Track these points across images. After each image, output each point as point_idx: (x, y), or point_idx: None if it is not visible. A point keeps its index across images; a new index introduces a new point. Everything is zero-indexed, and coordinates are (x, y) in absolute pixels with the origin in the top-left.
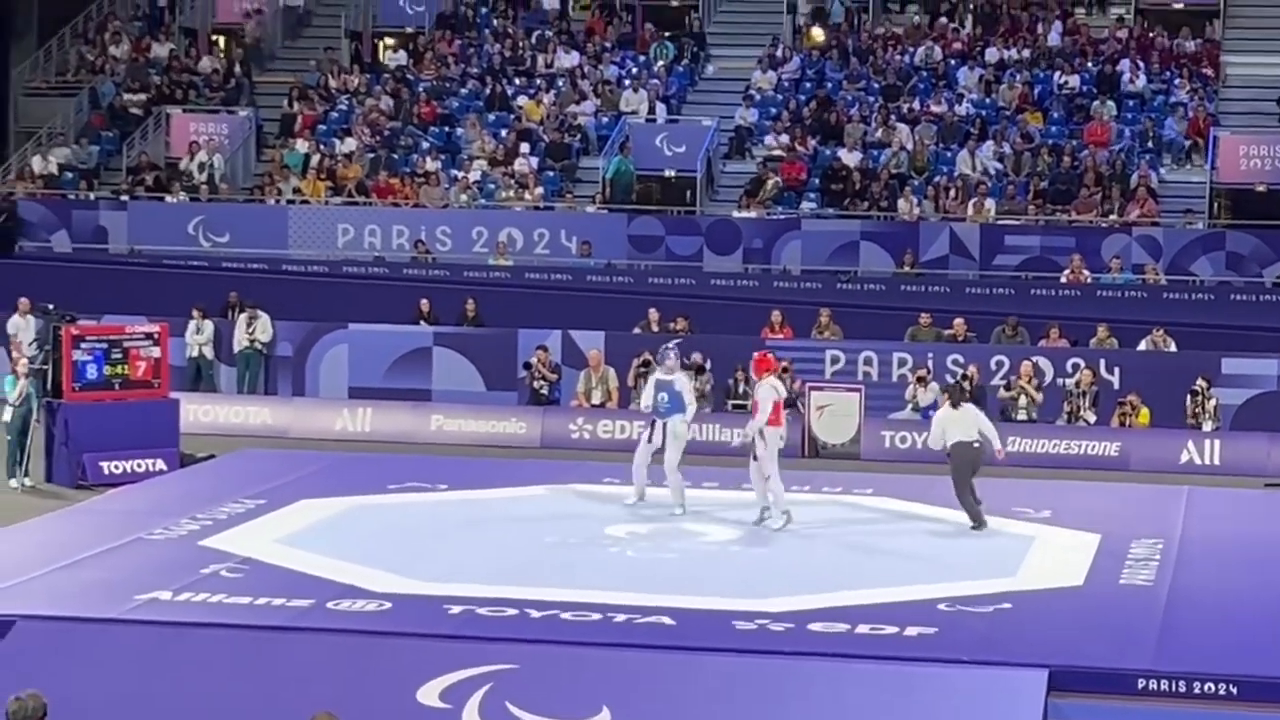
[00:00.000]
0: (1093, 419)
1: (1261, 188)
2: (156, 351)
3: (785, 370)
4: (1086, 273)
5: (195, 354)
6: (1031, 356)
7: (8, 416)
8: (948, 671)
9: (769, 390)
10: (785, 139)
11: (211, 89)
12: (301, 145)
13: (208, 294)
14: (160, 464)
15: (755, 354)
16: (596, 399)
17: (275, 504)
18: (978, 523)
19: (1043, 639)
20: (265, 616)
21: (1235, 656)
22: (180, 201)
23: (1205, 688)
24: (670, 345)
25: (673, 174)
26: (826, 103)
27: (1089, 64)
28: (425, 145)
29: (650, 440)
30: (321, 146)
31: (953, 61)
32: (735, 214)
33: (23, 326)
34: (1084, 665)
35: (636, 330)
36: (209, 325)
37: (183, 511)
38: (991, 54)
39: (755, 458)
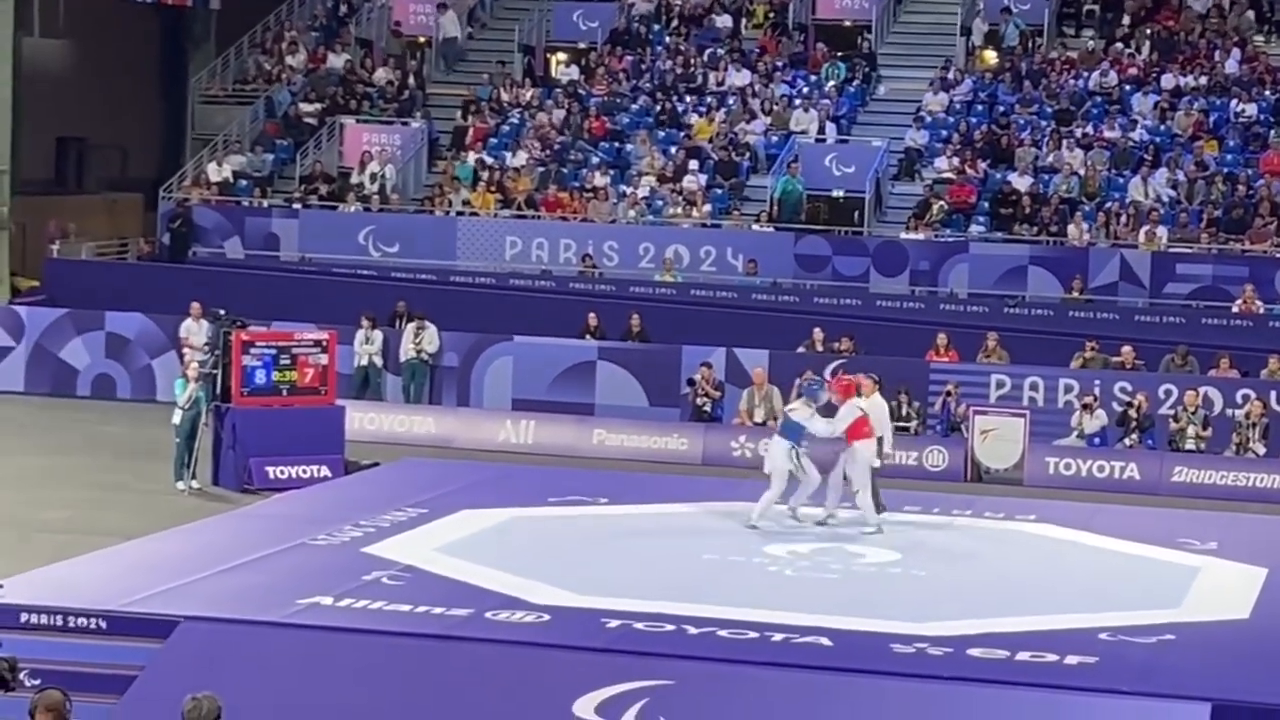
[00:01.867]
0: (1262, 451)
1: None
2: (324, 358)
3: (949, 394)
4: (1259, 303)
5: (364, 362)
6: (1200, 387)
7: (177, 419)
8: (1108, 702)
9: (851, 409)
10: (955, 161)
11: (385, 100)
12: (472, 157)
13: (376, 303)
14: (325, 470)
15: (833, 382)
16: (759, 417)
17: (437, 513)
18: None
19: (1206, 671)
20: (425, 625)
21: None
22: (352, 211)
23: None
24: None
25: (841, 194)
26: (998, 126)
27: (1266, 92)
28: (595, 160)
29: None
30: (492, 159)
31: (1128, 87)
32: (903, 235)
33: (194, 330)
34: (1248, 700)
35: (801, 349)
36: (378, 334)
37: (346, 518)
38: (1167, 80)
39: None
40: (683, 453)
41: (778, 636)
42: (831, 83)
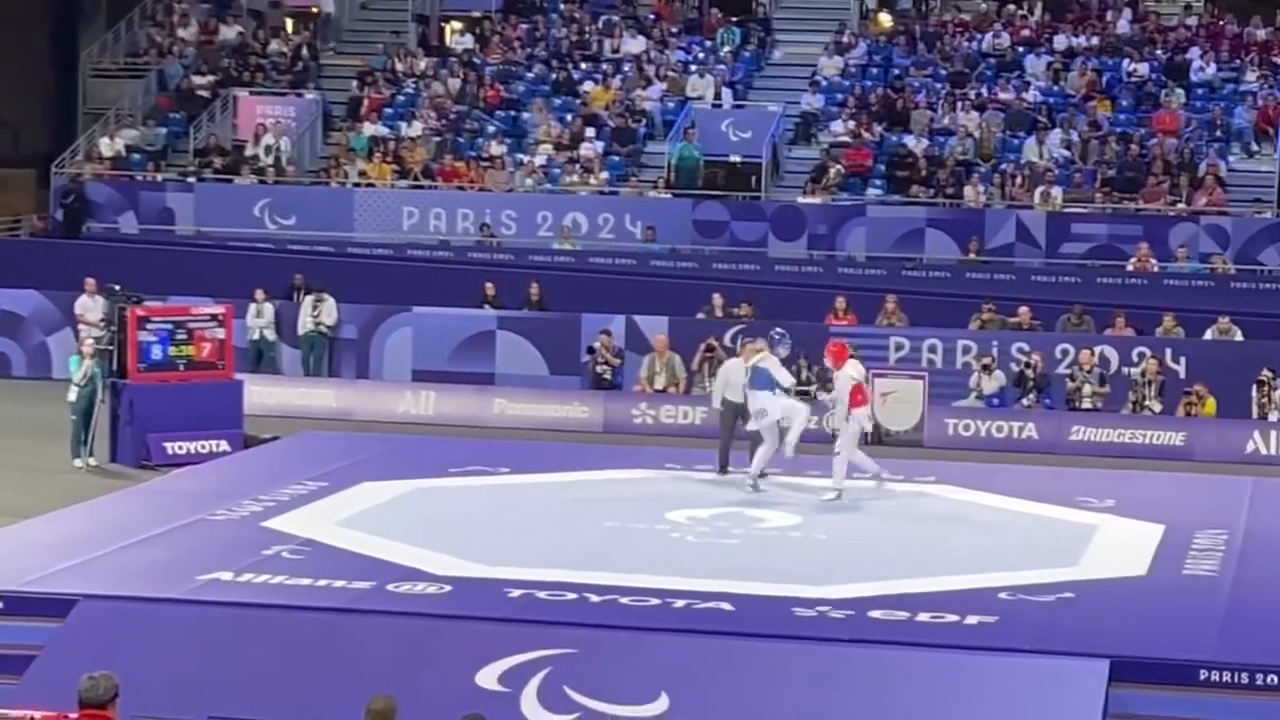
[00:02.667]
0: (1158, 408)
1: None
2: (221, 333)
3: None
4: (1153, 261)
5: (256, 336)
6: (1097, 345)
7: (73, 396)
8: (1008, 661)
9: (846, 379)
10: (851, 125)
11: (279, 72)
12: (367, 128)
13: (273, 276)
14: (224, 445)
15: (829, 344)
16: (660, 384)
17: (337, 486)
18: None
19: (1104, 629)
20: (326, 598)
21: None
22: (247, 184)
23: (1268, 679)
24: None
25: (738, 159)
26: (893, 89)
27: (1158, 52)
28: (491, 129)
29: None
30: (387, 130)
31: (1021, 49)
32: (800, 200)
33: (90, 307)
34: (1146, 656)
35: (700, 315)
36: (269, 308)
37: (245, 493)
38: (1060, 41)
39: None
40: (584, 421)
41: (680, 603)
42: (727, 48)
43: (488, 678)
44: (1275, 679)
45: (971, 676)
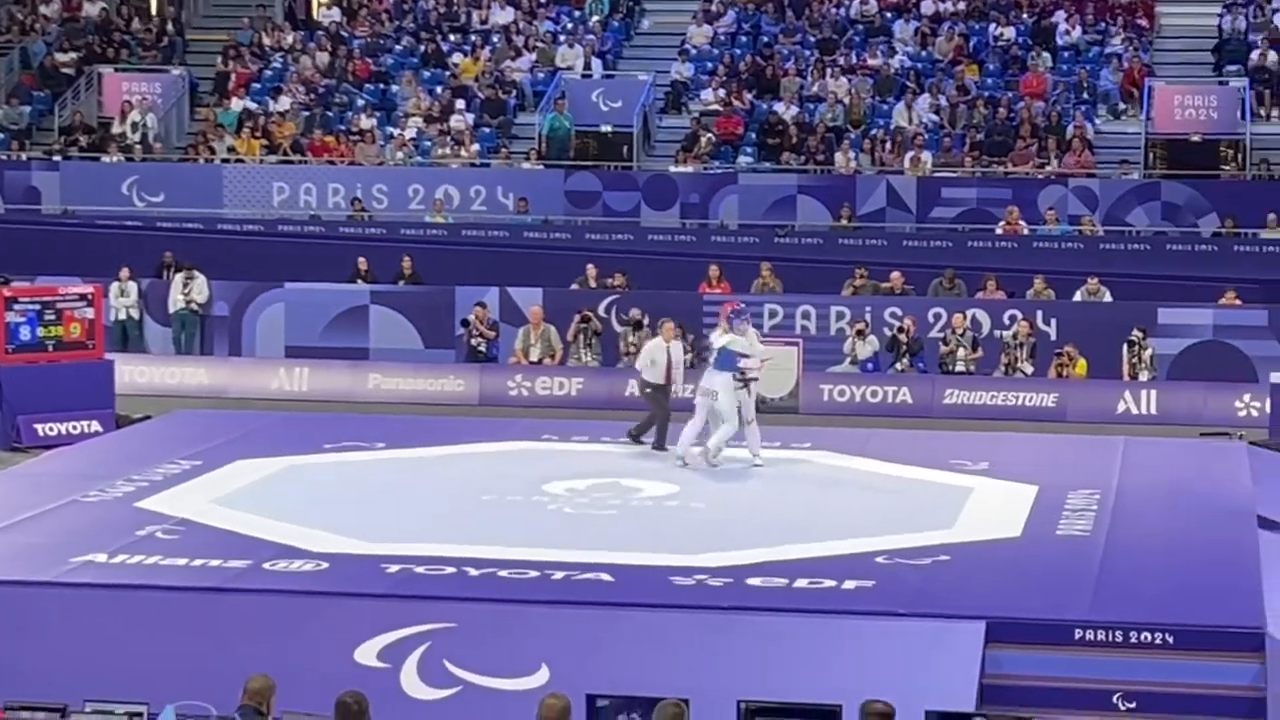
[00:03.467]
0: (1030, 370)
1: (1196, 138)
2: (91, 313)
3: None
4: (1023, 224)
5: (121, 316)
6: (968, 309)
7: None
8: (885, 624)
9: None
10: (721, 93)
11: (144, 48)
12: (235, 104)
13: (142, 254)
14: (95, 426)
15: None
16: (535, 356)
17: (211, 465)
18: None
19: (980, 591)
20: (202, 578)
21: (1171, 605)
22: (114, 161)
23: (1141, 637)
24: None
25: (609, 130)
26: (762, 56)
27: (1024, 14)
28: (360, 103)
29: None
30: (255, 105)
31: (888, 14)
32: (672, 169)
33: None
34: (1021, 616)
35: (574, 286)
36: (133, 286)
37: (118, 473)
38: (927, 6)
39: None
40: (459, 394)
41: (558, 574)
42: (596, 18)
43: (367, 654)
44: (1149, 636)
45: (850, 641)
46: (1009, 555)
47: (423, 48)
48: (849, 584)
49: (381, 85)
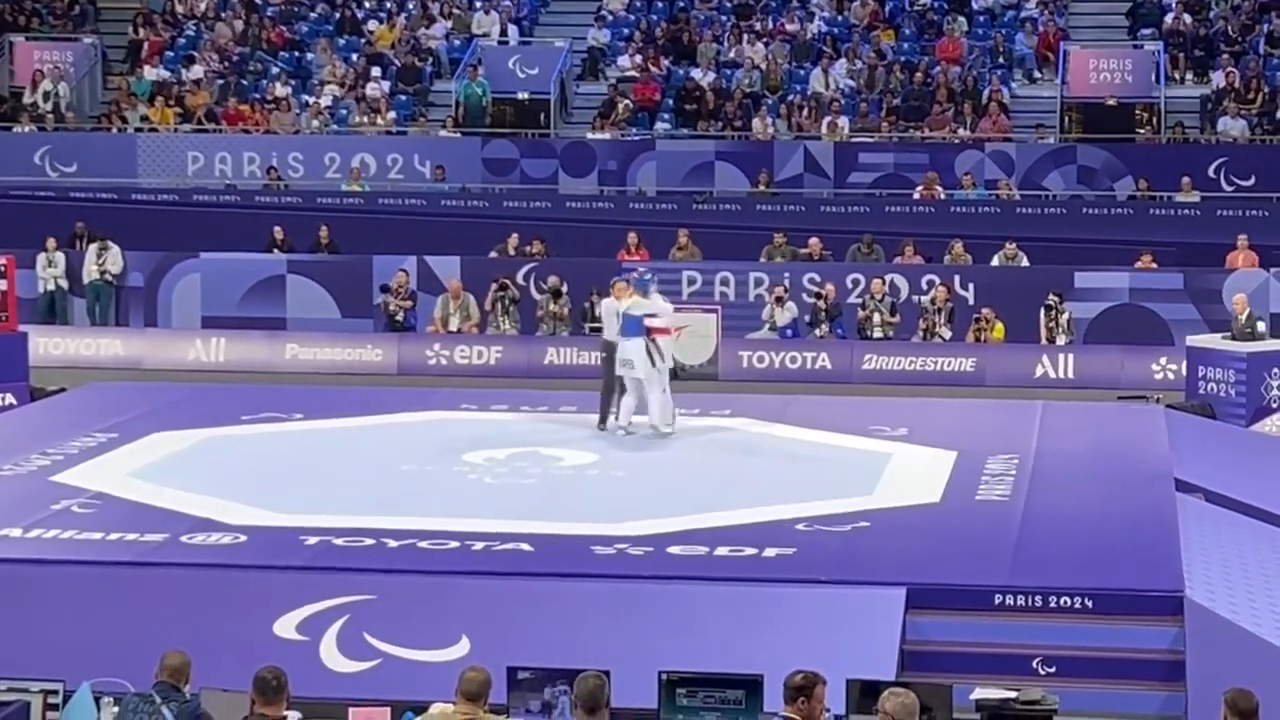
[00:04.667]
0: (948, 335)
1: (1112, 101)
2: (3, 284)
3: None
4: (940, 189)
5: (50, 287)
6: (886, 274)
7: None
8: (806, 592)
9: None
10: (638, 59)
11: (55, 16)
12: (149, 72)
13: (56, 225)
14: (9, 398)
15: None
16: (454, 325)
17: (127, 437)
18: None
19: (900, 557)
20: (118, 552)
21: (1090, 570)
22: (26, 131)
23: (1061, 601)
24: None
25: (526, 96)
26: (679, 22)
27: None
28: (275, 71)
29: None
30: (169, 73)
31: None
32: (590, 136)
33: None
34: (941, 582)
35: (494, 254)
36: (60, 257)
37: (32, 447)
38: None
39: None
40: (378, 364)
41: (478, 545)
42: None
43: (285, 627)
44: (1068, 601)
45: (771, 609)
46: (929, 521)
47: (338, 14)
48: (769, 552)
49: (296, 53)
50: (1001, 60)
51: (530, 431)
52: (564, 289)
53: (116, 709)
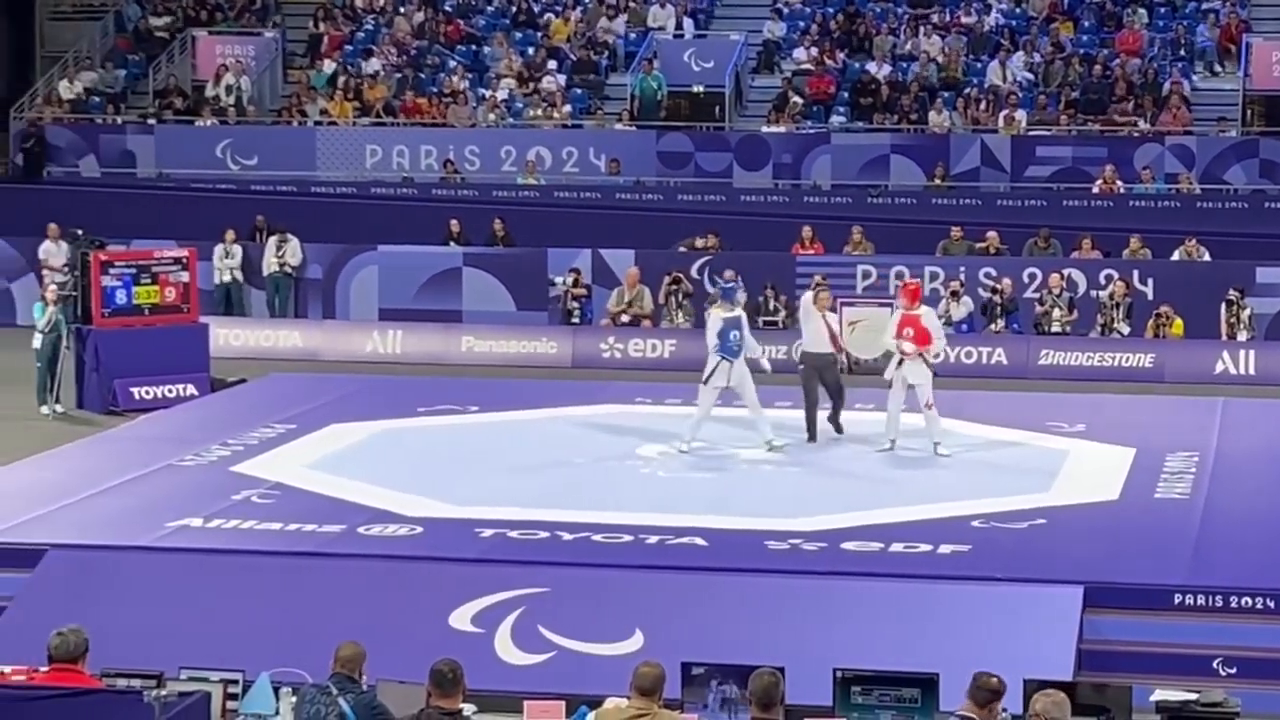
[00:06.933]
0: (1126, 331)
1: None
2: (185, 276)
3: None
4: (1119, 183)
5: (226, 278)
6: (1064, 268)
7: (38, 343)
8: (982, 589)
9: (931, 315)
10: (814, 52)
11: (237, 11)
12: (328, 66)
13: (236, 217)
14: (191, 389)
15: (904, 283)
16: (628, 318)
17: (306, 428)
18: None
19: (1077, 555)
20: (296, 542)
21: (1271, 570)
22: (208, 125)
23: (1241, 601)
24: (737, 282)
25: (701, 89)
26: (855, 15)
27: None
28: (452, 64)
29: (721, 383)
30: (348, 67)
31: None
32: (764, 129)
33: (54, 252)
34: (1119, 581)
35: (682, 249)
36: (238, 249)
37: (213, 437)
38: None
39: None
40: (552, 356)
41: (653, 539)
42: None
43: (461, 619)
44: (1248, 601)
45: (945, 606)
46: (1107, 519)
47: (514, 8)
48: (945, 548)
49: (473, 46)
50: (1182, 52)
51: (705, 425)
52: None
53: (294, 699)
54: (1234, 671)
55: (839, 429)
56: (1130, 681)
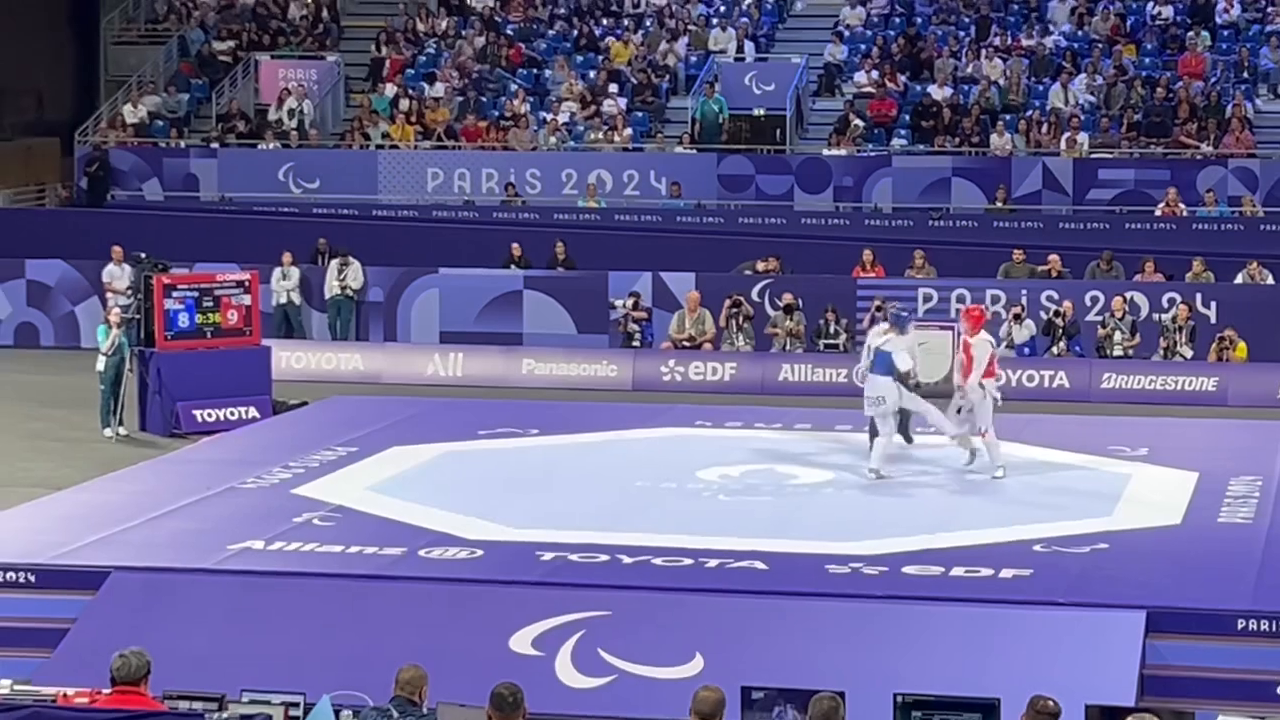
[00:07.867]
0: (1189, 354)
1: None
2: (248, 299)
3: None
4: (1181, 206)
5: (282, 300)
6: (1126, 292)
7: (101, 366)
8: (1043, 614)
9: (985, 345)
10: (875, 75)
11: (300, 35)
12: (390, 90)
13: (298, 241)
14: (253, 411)
15: (967, 309)
16: (689, 342)
17: (367, 451)
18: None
19: (1140, 580)
20: (357, 565)
21: None
22: (270, 148)
23: None
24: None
25: (762, 112)
26: (916, 38)
27: None
28: (513, 88)
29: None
30: (410, 91)
31: None
32: (825, 152)
33: (117, 275)
34: (1183, 606)
35: (747, 272)
36: (295, 271)
37: (275, 460)
38: None
39: (958, 411)
40: (613, 379)
41: (713, 562)
42: (749, 0)
43: (521, 642)
44: None
45: (1007, 631)
46: (1169, 543)
47: (575, 32)
48: (1006, 573)
49: (534, 70)
50: (1245, 75)
51: (764, 449)
52: (799, 305)
53: None
54: None
55: (909, 439)
56: (1193, 707)
